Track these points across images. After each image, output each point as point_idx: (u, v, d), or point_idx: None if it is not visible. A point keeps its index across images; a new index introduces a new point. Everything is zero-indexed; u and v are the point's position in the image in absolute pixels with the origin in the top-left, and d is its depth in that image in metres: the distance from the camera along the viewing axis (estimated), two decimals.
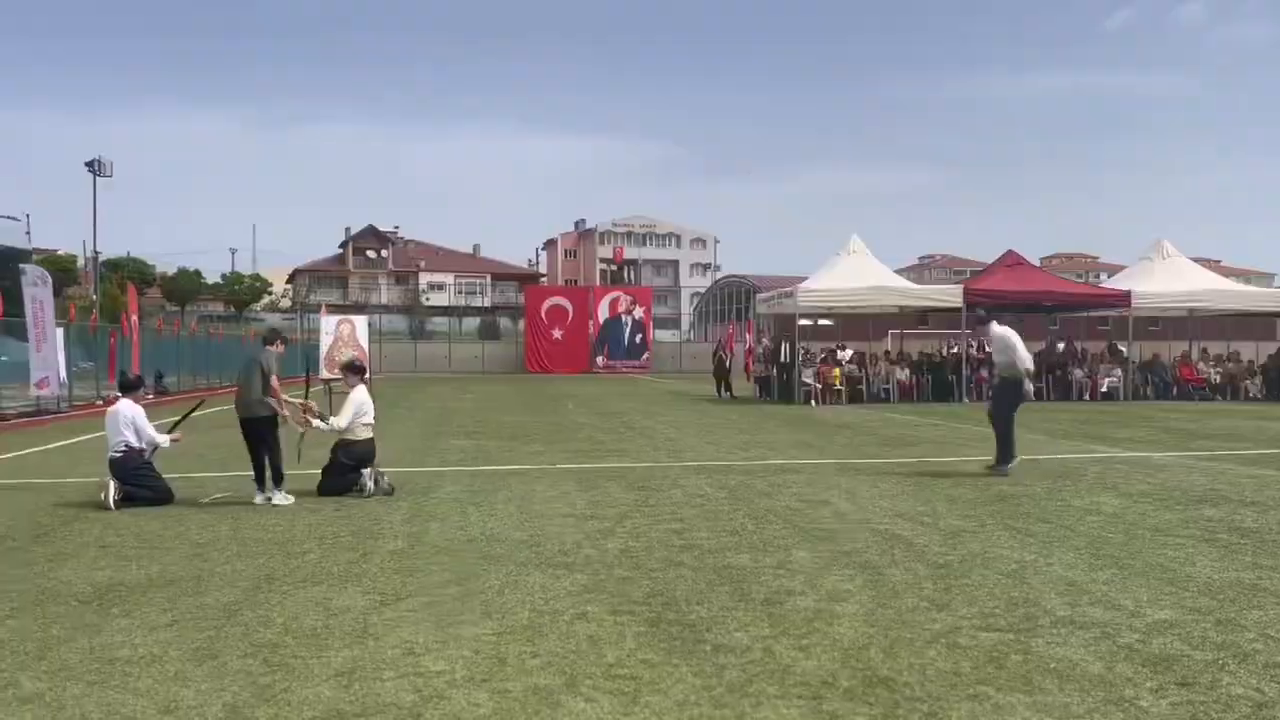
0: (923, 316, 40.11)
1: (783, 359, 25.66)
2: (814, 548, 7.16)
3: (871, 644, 4.87)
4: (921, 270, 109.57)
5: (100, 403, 24.45)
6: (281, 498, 9.23)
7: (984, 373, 26.65)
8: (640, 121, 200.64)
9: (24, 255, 45.08)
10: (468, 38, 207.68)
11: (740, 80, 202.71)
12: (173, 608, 5.55)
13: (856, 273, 25.50)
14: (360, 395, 9.86)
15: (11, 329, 24.17)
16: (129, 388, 9.81)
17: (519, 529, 7.93)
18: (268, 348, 9.82)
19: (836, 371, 25.11)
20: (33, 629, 5.14)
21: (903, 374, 26.15)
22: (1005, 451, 11.29)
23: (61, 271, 62.08)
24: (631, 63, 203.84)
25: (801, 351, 25.76)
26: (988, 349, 29.90)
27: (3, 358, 23.26)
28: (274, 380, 9.39)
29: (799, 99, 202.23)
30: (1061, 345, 28.83)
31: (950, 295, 26.11)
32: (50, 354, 21.81)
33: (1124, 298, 26.07)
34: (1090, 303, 28.53)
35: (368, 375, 19.22)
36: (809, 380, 24.73)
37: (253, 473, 9.43)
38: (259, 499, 9.26)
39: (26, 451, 14.35)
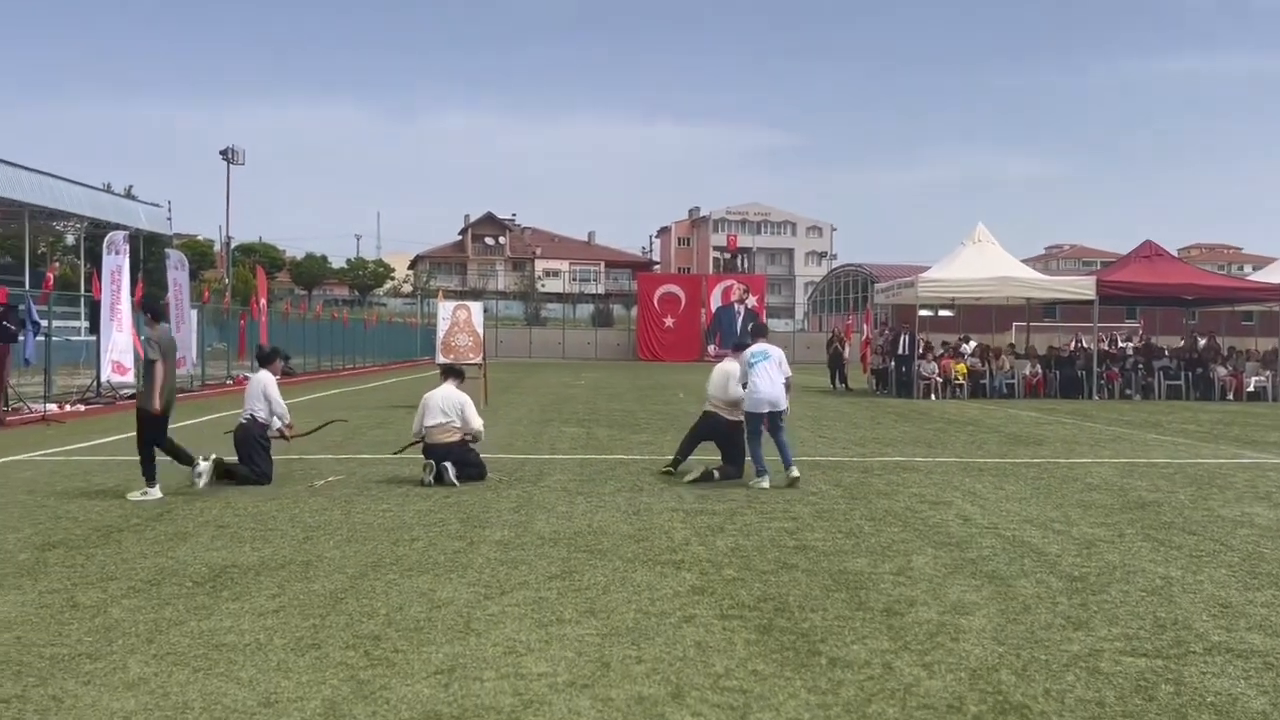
0: (1049, 309, 38.52)
1: (901, 351, 24.88)
2: (936, 554, 6.77)
3: (1002, 664, 4.51)
4: (1047, 261, 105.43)
5: (230, 382, 25.42)
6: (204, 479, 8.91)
7: (1115, 369, 25.38)
8: (757, 108, 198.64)
9: (166, 240, 47.37)
10: (585, 27, 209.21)
11: (859, 65, 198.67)
12: (281, 593, 5.56)
13: (982, 262, 24.49)
14: (426, 398, 9.80)
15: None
16: (265, 359, 10.11)
17: (626, 522, 7.76)
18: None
19: (961, 366, 24.23)
20: (146, 609, 5.20)
21: (1029, 369, 25.05)
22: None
23: (199, 255, 65.10)
24: (748, 49, 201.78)
25: (921, 343, 24.94)
26: (1121, 344, 28.46)
27: (143, 337, 24.36)
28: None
29: (920, 84, 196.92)
30: (1203, 341, 27.20)
31: (1082, 287, 24.86)
32: (187, 334, 22.78)
33: (1274, 291, 24.38)
34: (1237, 296, 26.83)
35: (477, 362, 19.41)
36: (928, 373, 23.93)
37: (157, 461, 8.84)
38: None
39: None
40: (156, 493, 8.63)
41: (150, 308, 9.48)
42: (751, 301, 59.38)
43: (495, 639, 4.77)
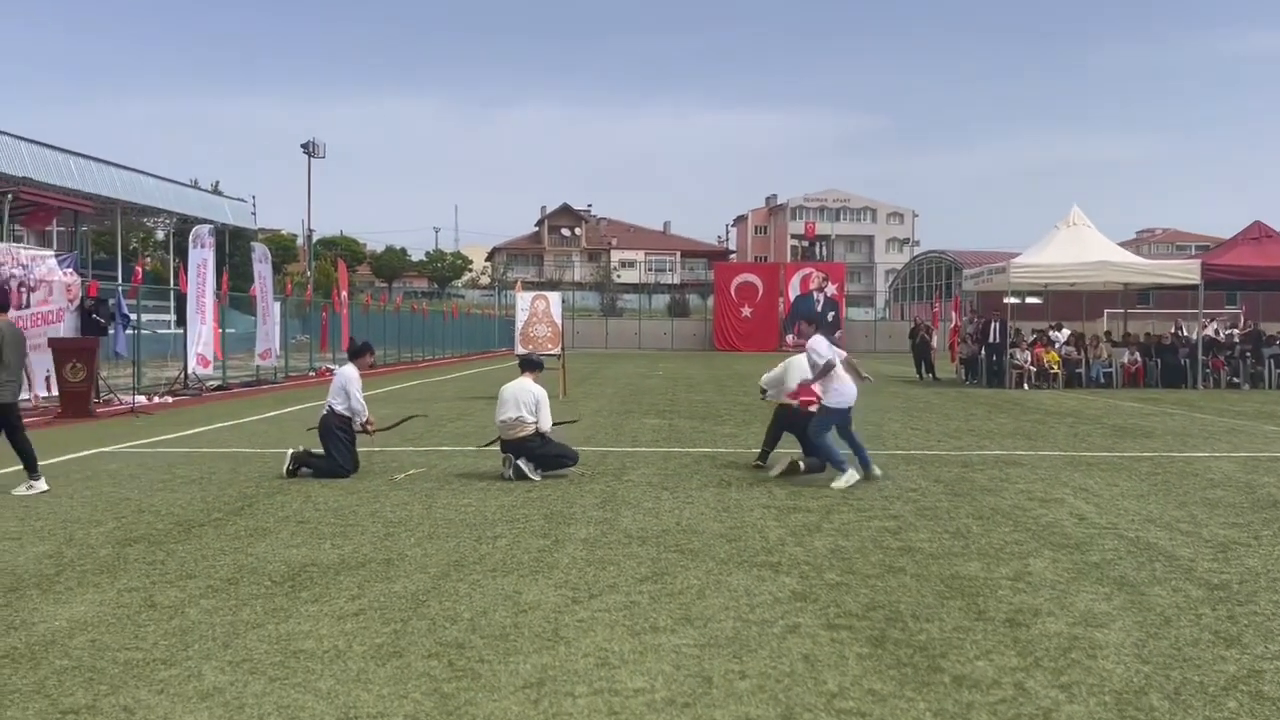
0: (1143, 294, 36.91)
1: (992, 339, 23.99)
2: (1055, 556, 6.26)
3: (1150, 687, 4.03)
4: (1139, 245, 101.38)
5: (313, 374, 25.70)
6: (40, 487, 8.43)
7: (1221, 357, 24.15)
8: (834, 92, 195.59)
9: (251, 234, 48.42)
10: (656, 15, 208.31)
11: (940, 44, 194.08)
12: (361, 594, 5.31)
13: (1077, 247, 23.45)
14: (501, 391, 9.47)
15: (235, 303, 25.70)
16: (354, 354, 9.98)
17: (716, 519, 7.38)
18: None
19: (1053, 355, 23.27)
20: (223, 611, 5.00)
21: (1127, 357, 23.95)
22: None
23: (282, 249, 66.48)
24: (824, 31, 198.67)
25: (1012, 331, 24.03)
26: (1227, 332, 27.03)
27: (230, 330, 24.76)
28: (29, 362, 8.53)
29: (1003, 63, 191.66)
30: None
31: (1186, 271, 23.66)
32: (271, 326, 23.07)
33: None
34: None
35: (556, 353, 19.21)
36: (1021, 362, 23.02)
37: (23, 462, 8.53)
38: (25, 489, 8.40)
39: (244, 420, 15.01)
40: (42, 485, 8.40)
41: None
42: (831, 290, 58.36)
43: (586, 648, 4.44)
